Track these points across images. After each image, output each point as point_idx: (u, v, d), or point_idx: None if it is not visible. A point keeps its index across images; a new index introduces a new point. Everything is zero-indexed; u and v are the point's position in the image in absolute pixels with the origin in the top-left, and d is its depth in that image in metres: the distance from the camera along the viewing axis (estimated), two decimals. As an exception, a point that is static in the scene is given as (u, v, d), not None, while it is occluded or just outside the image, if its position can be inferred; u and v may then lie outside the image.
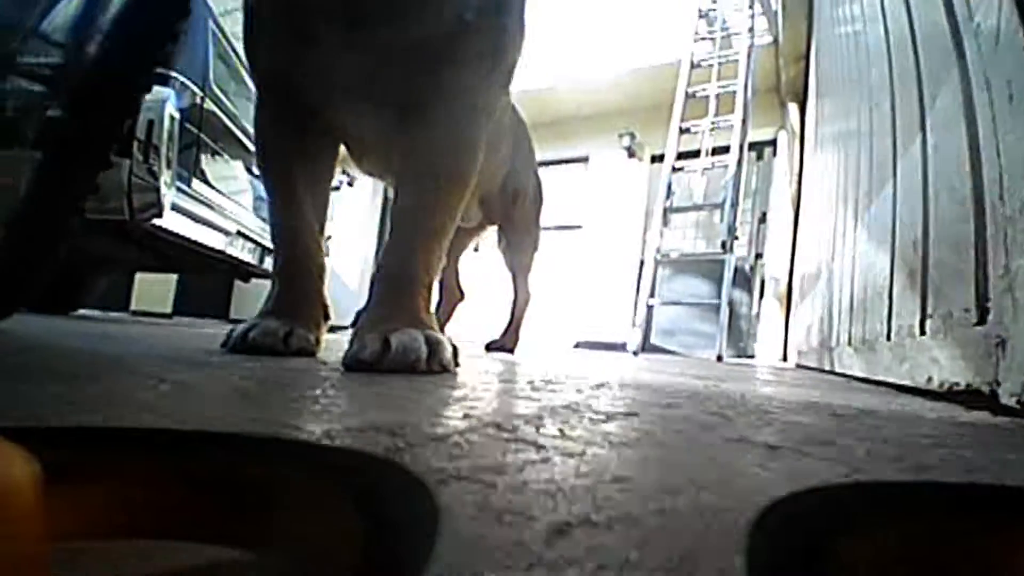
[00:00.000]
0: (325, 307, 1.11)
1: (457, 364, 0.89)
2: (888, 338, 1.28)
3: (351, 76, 0.97)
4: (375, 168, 1.40)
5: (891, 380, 1.27)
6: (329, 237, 7.65)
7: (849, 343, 1.67)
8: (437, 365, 0.82)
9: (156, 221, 2.60)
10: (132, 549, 0.16)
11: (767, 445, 0.41)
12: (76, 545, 0.15)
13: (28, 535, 0.11)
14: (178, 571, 0.16)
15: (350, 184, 7.80)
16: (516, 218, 2.01)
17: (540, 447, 0.35)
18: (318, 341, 1.04)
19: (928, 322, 1.05)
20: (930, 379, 1.04)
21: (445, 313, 2.22)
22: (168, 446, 0.16)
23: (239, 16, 1.06)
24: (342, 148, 1.27)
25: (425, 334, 0.84)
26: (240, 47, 4.38)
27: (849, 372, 1.69)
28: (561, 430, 0.42)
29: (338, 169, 7.59)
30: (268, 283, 1.13)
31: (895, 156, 1.37)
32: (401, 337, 0.81)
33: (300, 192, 1.07)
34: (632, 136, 5.55)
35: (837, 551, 0.13)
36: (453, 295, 2.24)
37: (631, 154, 5.62)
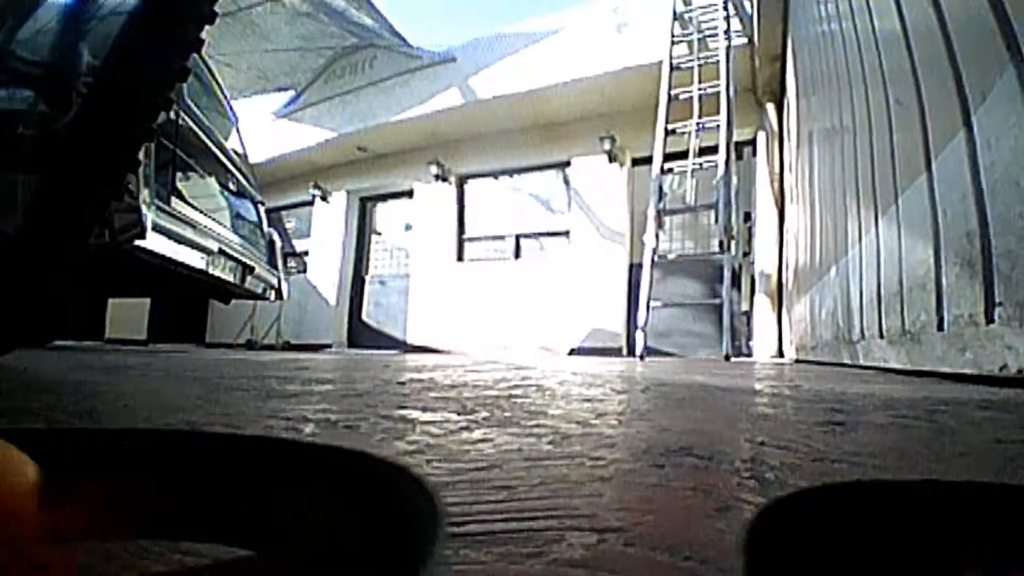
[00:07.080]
0: None
1: None
2: (940, 328, 1.27)
3: None
4: None
5: (944, 369, 1.27)
6: (305, 253, 7.46)
7: (881, 336, 1.68)
8: None
9: (138, 242, 2.47)
10: (132, 549, 0.17)
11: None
12: (76, 545, 0.15)
13: (30, 536, 0.12)
14: (178, 571, 0.16)
15: (324, 199, 7.61)
16: None
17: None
18: None
19: (998, 310, 1.04)
20: (1004, 366, 1.03)
21: None
22: (167, 448, 0.16)
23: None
24: None
25: None
26: (211, 60, 4.21)
27: (881, 364, 1.69)
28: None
29: (311, 183, 7.35)
30: (249, 303, 1.06)
31: (928, 151, 1.37)
32: None
33: None
34: (612, 140, 5.58)
35: (837, 550, 0.13)
36: None
37: (612, 158, 5.65)
